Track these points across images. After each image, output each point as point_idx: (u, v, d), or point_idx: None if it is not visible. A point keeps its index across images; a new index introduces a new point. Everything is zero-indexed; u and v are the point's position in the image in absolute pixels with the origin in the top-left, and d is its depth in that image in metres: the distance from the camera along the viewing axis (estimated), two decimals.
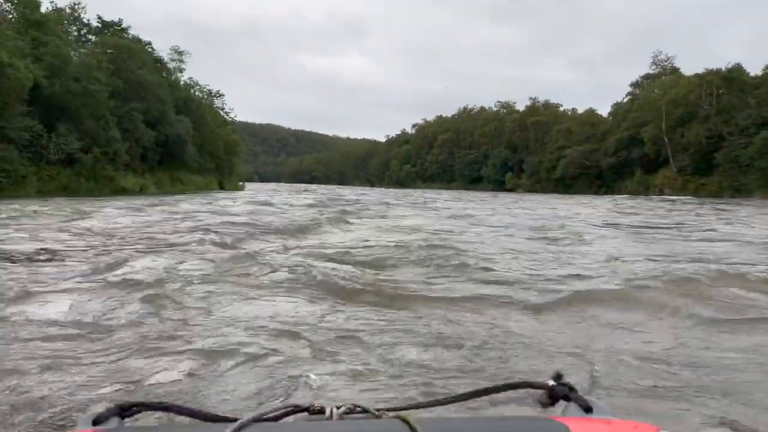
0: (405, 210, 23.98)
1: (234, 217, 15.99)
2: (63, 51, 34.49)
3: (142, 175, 46.05)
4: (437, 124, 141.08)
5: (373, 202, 28.72)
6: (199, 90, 66.68)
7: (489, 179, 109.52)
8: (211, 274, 6.78)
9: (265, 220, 15.14)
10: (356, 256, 8.38)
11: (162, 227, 13.23)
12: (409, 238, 10.90)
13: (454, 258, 8.15)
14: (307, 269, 6.93)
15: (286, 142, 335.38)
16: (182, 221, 14.86)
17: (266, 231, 12.49)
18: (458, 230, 13.76)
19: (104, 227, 12.87)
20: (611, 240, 12.08)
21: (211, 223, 13.63)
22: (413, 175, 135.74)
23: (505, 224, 16.15)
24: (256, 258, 7.94)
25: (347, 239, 11.32)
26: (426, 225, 15.16)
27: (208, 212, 18.66)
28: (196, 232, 11.63)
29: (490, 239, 11.78)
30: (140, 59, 45.74)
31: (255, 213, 18.43)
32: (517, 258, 8.78)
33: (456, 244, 9.92)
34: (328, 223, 14.73)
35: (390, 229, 13.60)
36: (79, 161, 34.64)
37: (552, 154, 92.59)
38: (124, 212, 17.99)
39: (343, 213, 18.95)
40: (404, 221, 16.63)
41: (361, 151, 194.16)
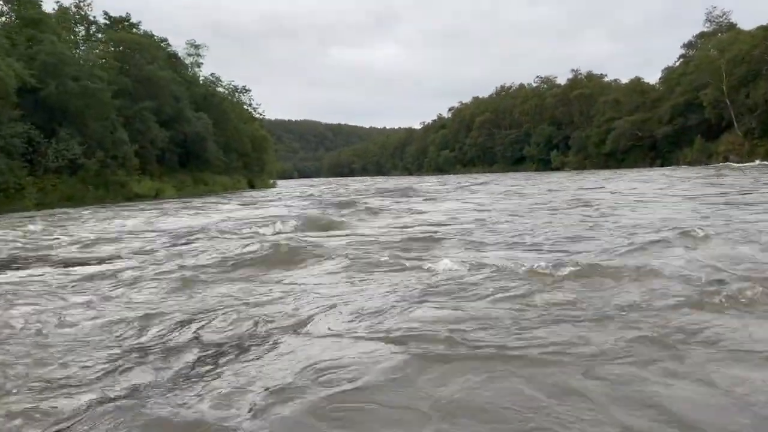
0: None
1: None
2: (59, 49, 31.45)
3: (160, 178, 43.07)
4: (474, 105, 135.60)
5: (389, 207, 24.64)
6: (222, 86, 63.58)
7: (533, 159, 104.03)
8: None
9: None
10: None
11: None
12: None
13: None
14: None
15: (323, 136, 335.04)
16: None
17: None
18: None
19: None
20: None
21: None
22: (452, 160, 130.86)
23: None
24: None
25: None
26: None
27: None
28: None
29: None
30: (150, 54, 42.64)
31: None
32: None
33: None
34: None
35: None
36: (83, 167, 31.64)
37: (600, 128, 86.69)
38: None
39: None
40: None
41: (397, 139, 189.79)
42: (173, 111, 43.95)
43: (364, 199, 20.37)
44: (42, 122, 32.44)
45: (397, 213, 13.99)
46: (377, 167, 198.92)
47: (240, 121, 59.92)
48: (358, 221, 11.88)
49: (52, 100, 31.71)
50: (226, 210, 19.85)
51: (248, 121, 68.32)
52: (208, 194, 44.52)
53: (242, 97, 73.77)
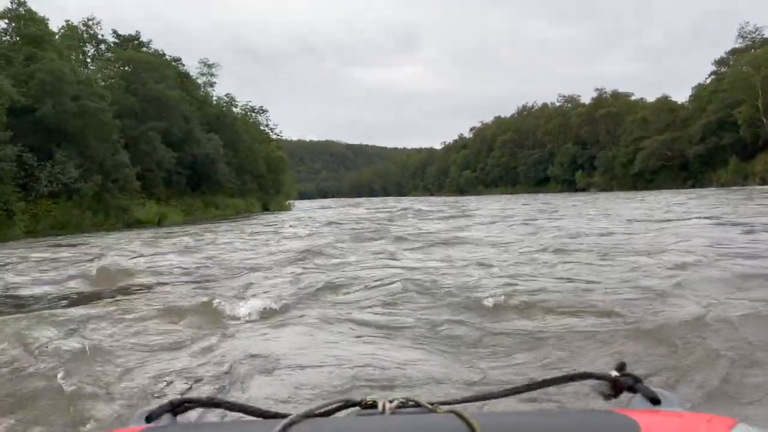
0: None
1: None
2: (57, 67, 29.85)
3: (167, 201, 41.25)
4: (496, 125, 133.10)
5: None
6: (237, 106, 62.13)
7: (557, 179, 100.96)
8: None
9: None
10: None
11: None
12: None
13: None
14: None
15: (344, 156, 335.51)
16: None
17: None
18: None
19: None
20: None
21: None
22: (473, 180, 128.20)
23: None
24: None
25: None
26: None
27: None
28: None
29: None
30: (159, 73, 41.09)
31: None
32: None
33: None
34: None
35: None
36: (78, 192, 29.80)
37: (627, 147, 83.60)
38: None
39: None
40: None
41: (418, 160, 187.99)
42: (182, 132, 42.24)
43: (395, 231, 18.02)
44: (38, 144, 30.79)
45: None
46: (397, 187, 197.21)
47: (255, 142, 58.20)
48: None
49: (49, 120, 30.05)
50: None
51: (264, 141, 66.74)
52: (218, 218, 42.59)
53: (259, 117, 72.56)
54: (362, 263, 9.87)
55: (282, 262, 10.88)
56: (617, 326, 4.67)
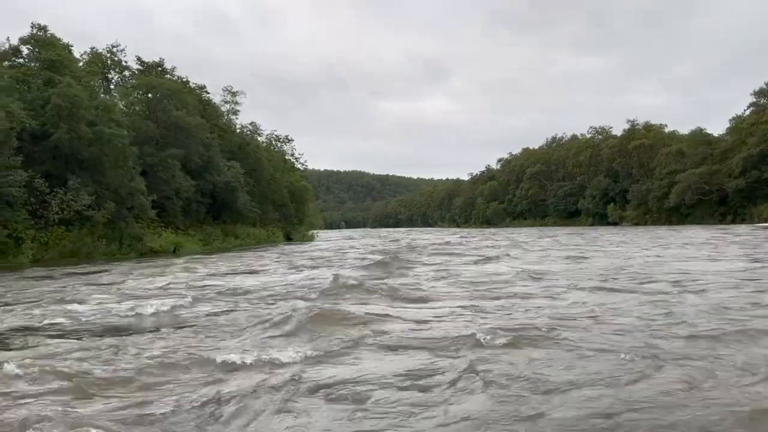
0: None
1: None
2: (73, 92, 29.03)
3: (186, 230, 40.06)
4: (524, 156, 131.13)
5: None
6: (261, 135, 61.36)
7: (588, 212, 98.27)
8: None
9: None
10: None
11: None
12: None
13: None
14: None
15: (371, 187, 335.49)
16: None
17: None
18: None
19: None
20: None
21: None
22: (501, 212, 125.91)
23: None
24: None
25: None
26: None
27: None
28: None
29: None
30: (180, 100, 40.30)
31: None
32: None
33: None
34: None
35: None
36: (90, 220, 28.64)
37: (662, 180, 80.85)
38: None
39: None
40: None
41: (444, 190, 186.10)
42: (202, 159, 41.22)
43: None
44: (53, 170, 29.89)
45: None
46: (423, 218, 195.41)
47: (278, 171, 57.13)
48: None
49: (63, 146, 29.11)
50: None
51: (288, 171, 65.77)
52: (237, 248, 41.24)
53: (284, 146, 71.83)
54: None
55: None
56: None
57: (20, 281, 17.52)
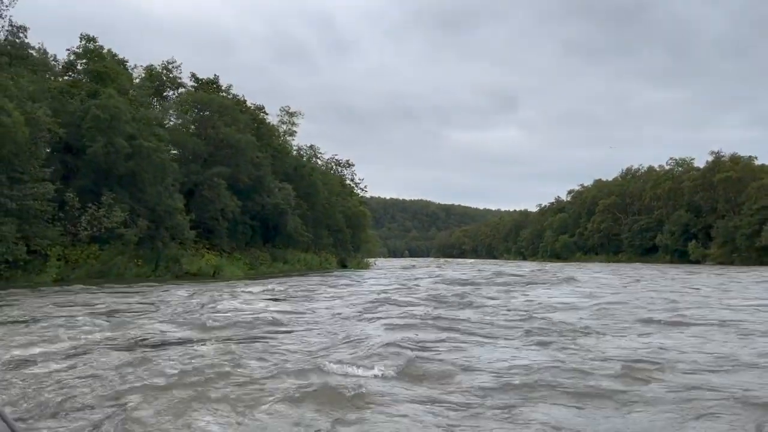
0: None
1: None
2: (113, 103, 27.58)
3: (232, 253, 38.07)
4: (597, 188, 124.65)
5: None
6: (320, 158, 59.49)
7: (666, 249, 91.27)
8: None
9: None
10: None
11: None
12: None
13: None
14: None
15: (436, 216, 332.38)
16: None
17: None
18: None
19: None
20: None
21: None
22: (571, 245, 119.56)
23: None
24: None
25: None
26: None
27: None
28: None
29: None
30: (231, 117, 38.69)
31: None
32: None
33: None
34: None
35: None
36: (121, 238, 26.83)
37: (752, 217, 73.78)
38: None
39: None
40: None
41: (511, 221, 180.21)
42: (251, 179, 39.33)
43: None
44: (90, 184, 28.43)
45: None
46: (488, 249, 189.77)
47: (333, 195, 54.89)
48: None
49: (99, 160, 27.60)
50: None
51: (347, 196, 63.62)
52: (284, 274, 38.85)
53: (344, 171, 69.95)
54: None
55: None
56: None
57: (29, 298, 15.50)
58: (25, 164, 22.94)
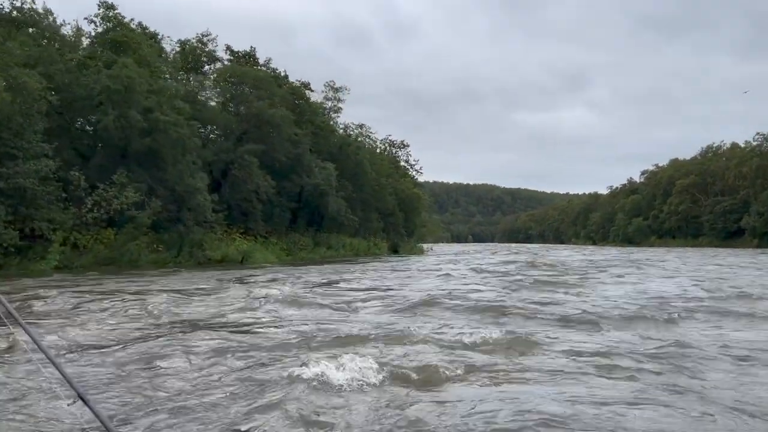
0: None
1: None
2: (126, 73, 25.01)
3: (268, 237, 35.32)
4: (673, 168, 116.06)
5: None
6: (369, 137, 56.09)
7: (754, 232, 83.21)
8: None
9: None
10: None
11: None
12: None
13: None
14: None
15: (501, 201, 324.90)
16: None
17: None
18: None
19: None
20: None
21: None
22: (645, 229, 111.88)
23: None
24: None
25: None
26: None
27: None
28: None
29: None
30: (266, 91, 35.73)
31: None
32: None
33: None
34: None
35: None
36: (133, 221, 24.28)
37: None
38: None
39: None
40: None
41: (580, 204, 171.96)
42: (288, 158, 36.35)
43: None
44: (104, 162, 26.06)
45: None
46: (556, 234, 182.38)
47: (383, 177, 51.37)
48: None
49: (110, 135, 25.13)
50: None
51: (400, 178, 60.11)
52: (328, 260, 35.83)
53: (398, 152, 66.59)
54: None
55: None
56: None
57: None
58: (17, 138, 20.55)
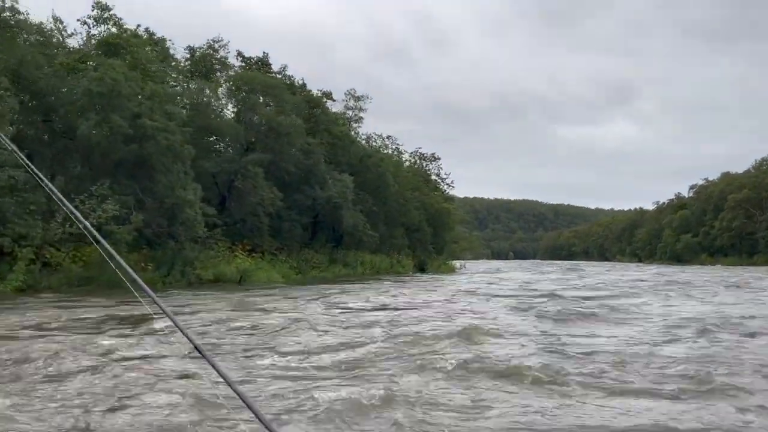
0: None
1: None
2: (112, 75, 22.94)
3: (276, 255, 32.77)
4: (725, 182, 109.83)
5: None
6: (392, 148, 53.38)
7: None
8: None
9: None
10: None
11: None
12: None
13: None
14: None
15: (543, 217, 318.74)
16: None
17: None
18: None
19: None
20: None
21: None
22: (695, 246, 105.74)
23: None
24: None
25: None
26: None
27: None
28: None
29: None
30: (277, 98, 33.38)
31: None
32: None
33: None
34: None
35: None
36: (111, 236, 21.99)
37: None
38: None
39: None
40: None
41: (625, 220, 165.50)
42: (300, 169, 33.82)
43: None
44: (86, 172, 23.96)
45: None
46: (600, 251, 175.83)
47: (408, 190, 48.48)
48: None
49: (91, 142, 22.99)
50: None
51: (431, 192, 57.16)
52: (344, 280, 33.11)
53: (429, 165, 63.72)
54: None
55: None
56: None
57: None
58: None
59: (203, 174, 30.36)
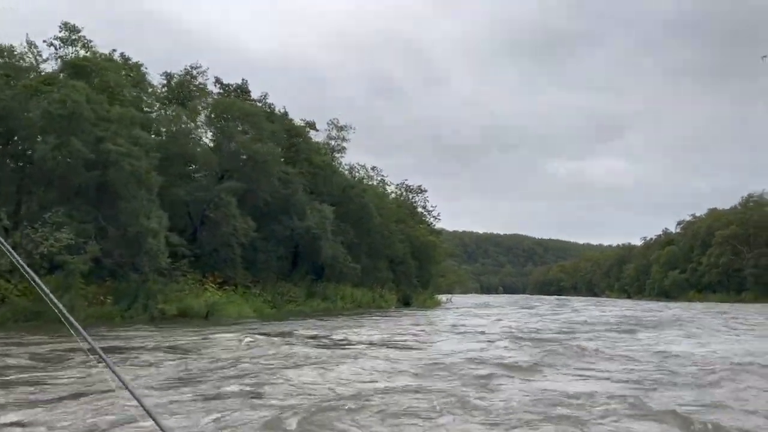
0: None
1: None
2: (75, 96, 21.77)
3: (250, 287, 31.27)
4: (712, 218, 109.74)
5: None
6: (375, 179, 52.40)
7: None
8: None
9: None
10: None
11: None
12: None
13: None
14: None
15: (532, 251, 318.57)
16: None
17: None
18: None
19: None
20: None
21: None
22: (683, 282, 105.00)
23: None
24: None
25: None
26: None
27: None
28: None
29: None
30: (253, 125, 32.30)
31: None
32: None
33: None
34: None
35: None
36: (64, 267, 20.51)
37: None
38: None
39: None
40: None
41: (613, 256, 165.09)
42: (275, 198, 32.57)
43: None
44: (44, 199, 22.56)
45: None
46: (588, 286, 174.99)
47: (392, 222, 47.29)
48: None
49: (47, 167, 21.66)
50: None
51: (416, 224, 56.08)
52: (324, 314, 31.66)
53: (415, 198, 62.88)
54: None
55: None
56: None
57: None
58: None
59: (177, 203, 29.11)
